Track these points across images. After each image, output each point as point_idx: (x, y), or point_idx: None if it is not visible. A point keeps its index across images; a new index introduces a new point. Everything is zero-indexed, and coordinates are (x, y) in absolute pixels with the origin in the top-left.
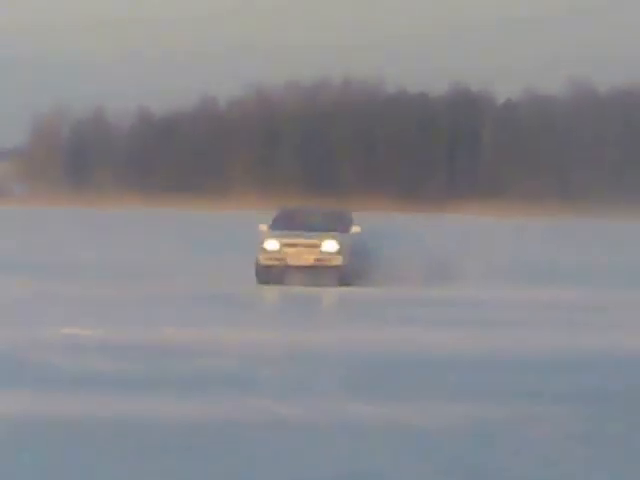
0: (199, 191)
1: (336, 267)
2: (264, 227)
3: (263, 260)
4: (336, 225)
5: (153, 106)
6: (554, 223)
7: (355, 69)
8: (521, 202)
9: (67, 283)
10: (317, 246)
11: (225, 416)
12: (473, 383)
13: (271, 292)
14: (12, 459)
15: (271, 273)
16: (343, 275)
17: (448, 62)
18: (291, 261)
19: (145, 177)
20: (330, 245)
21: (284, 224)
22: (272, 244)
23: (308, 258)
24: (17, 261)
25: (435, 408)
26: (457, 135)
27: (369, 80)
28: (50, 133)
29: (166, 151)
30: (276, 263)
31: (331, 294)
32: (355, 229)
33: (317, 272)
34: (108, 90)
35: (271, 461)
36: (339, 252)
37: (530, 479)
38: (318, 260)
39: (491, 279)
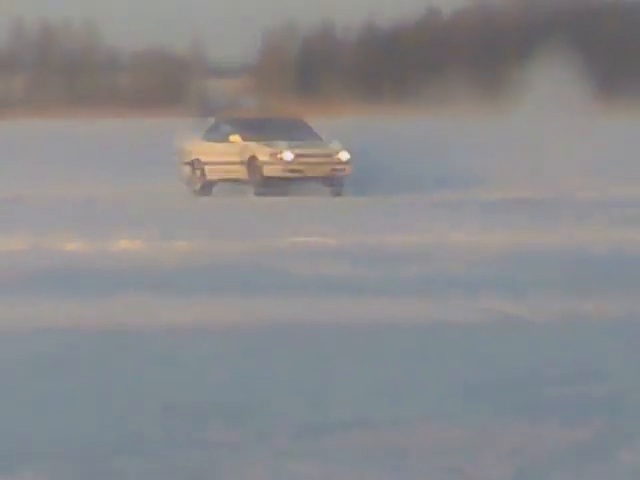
0: (420, 100)
1: (344, 177)
2: (236, 138)
3: (278, 172)
4: (309, 133)
5: (379, 19)
6: None
7: None
8: None
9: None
10: (331, 155)
11: (452, 316)
12: None
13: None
14: (256, 361)
15: (273, 185)
16: (341, 184)
17: None
18: (309, 172)
19: (371, 88)
20: (345, 154)
21: (254, 133)
22: (289, 155)
23: (325, 169)
24: None
25: None
26: None
27: None
28: (279, 50)
29: (391, 63)
30: (290, 175)
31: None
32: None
33: (320, 182)
34: (334, 4)
35: (501, 358)
36: (350, 161)
37: None
38: (334, 170)
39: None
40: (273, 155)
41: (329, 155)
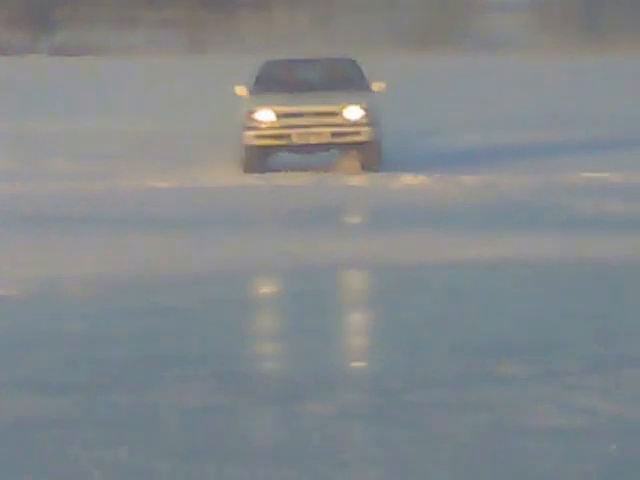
0: None
1: (362, 144)
2: (243, 90)
3: (254, 139)
4: (350, 82)
5: None
6: None
7: None
8: None
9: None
10: (335, 114)
11: None
12: None
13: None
14: (540, 297)
15: (262, 157)
16: (372, 155)
17: None
18: (298, 139)
19: None
20: (353, 112)
21: (272, 84)
22: (266, 114)
23: (322, 133)
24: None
25: None
26: None
27: None
28: None
29: None
30: (273, 142)
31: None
32: (378, 86)
33: (332, 153)
34: None
35: None
36: (367, 122)
37: None
38: (336, 135)
39: None
40: (248, 115)
41: (330, 113)
